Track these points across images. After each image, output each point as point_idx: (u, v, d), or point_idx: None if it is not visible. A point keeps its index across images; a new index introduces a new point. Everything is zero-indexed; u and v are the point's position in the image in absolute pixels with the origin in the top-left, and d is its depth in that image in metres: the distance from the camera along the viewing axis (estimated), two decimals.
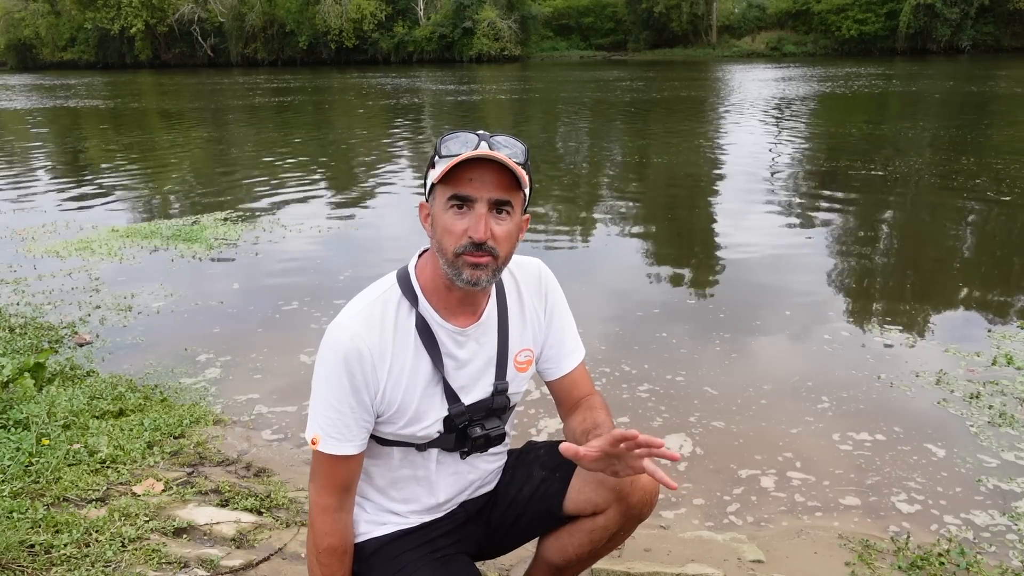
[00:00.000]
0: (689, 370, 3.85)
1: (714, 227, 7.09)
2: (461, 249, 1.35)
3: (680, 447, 3.12)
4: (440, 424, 1.49)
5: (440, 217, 1.38)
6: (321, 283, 5.43)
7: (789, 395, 3.60)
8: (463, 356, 1.49)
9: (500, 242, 1.36)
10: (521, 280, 1.59)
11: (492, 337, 1.53)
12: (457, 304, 1.46)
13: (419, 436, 1.49)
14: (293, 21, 57.34)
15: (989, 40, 43.87)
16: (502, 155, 1.32)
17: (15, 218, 7.86)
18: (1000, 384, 3.59)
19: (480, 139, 1.36)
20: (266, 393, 3.70)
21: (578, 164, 11.02)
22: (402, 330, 1.45)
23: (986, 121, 14.45)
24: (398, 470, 1.55)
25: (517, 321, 1.56)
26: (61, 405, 3.24)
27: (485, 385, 1.52)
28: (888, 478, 2.90)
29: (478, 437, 1.51)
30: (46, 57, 67.66)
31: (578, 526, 1.62)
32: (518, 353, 1.56)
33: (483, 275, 1.37)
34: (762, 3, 51.95)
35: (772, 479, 2.92)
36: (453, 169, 1.33)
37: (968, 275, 5.43)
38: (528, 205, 1.47)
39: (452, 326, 1.47)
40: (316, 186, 9.56)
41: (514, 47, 53.08)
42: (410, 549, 1.56)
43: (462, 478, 1.59)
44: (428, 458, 1.53)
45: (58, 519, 2.39)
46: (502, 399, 1.54)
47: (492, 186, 1.34)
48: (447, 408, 1.48)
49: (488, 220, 1.34)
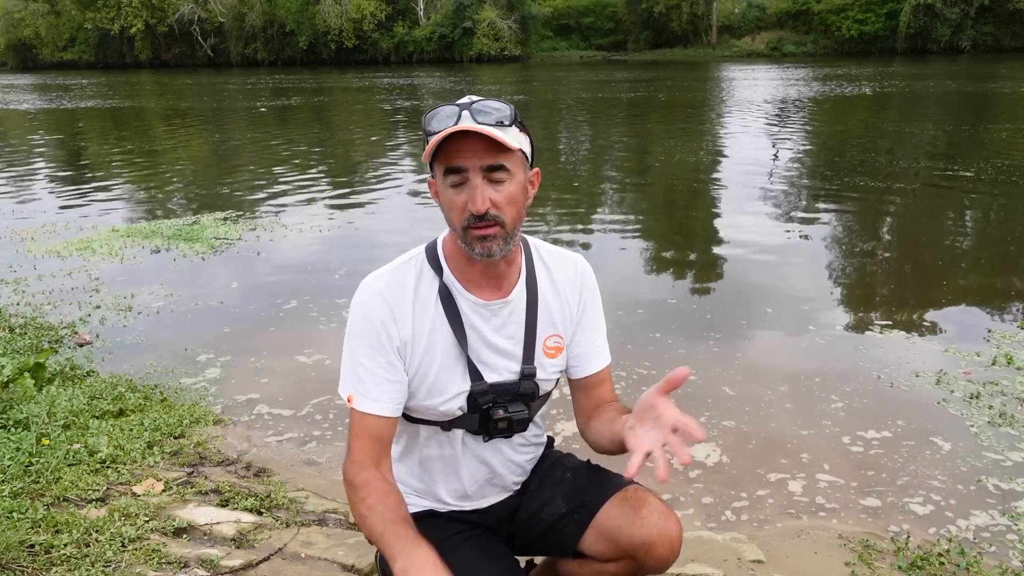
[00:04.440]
0: (693, 369, 3.85)
1: (714, 227, 7.09)
2: (466, 223, 1.35)
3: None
4: (463, 401, 1.47)
5: (443, 193, 1.38)
6: (321, 282, 5.43)
7: (788, 395, 3.60)
8: (486, 331, 1.48)
9: (503, 207, 1.35)
10: (555, 268, 1.56)
11: (520, 318, 1.50)
12: (480, 276, 1.46)
13: (440, 411, 1.47)
14: (293, 21, 57.33)
15: (989, 40, 43.85)
16: (481, 128, 1.30)
17: (15, 218, 7.86)
18: (1000, 384, 3.59)
19: (461, 110, 1.35)
20: (266, 393, 3.70)
21: (578, 164, 11.01)
22: (424, 295, 1.46)
23: (986, 121, 14.44)
24: (424, 448, 1.55)
25: (548, 306, 1.54)
26: (61, 405, 3.23)
27: (511, 366, 1.50)
28: (888, 478, 2.90)
29: (500, 419, 1.49)
30: (46, 57, 67.66)
31: (589, 563, 1.60)
32: (547, 338, 1.53)
33: (494, 245, 1.37)
34: (762, 3, 51.95)
35: (771, 479, 2.92)
36: (442, 143, 1.33)
37: (968, 275, 5.43)
38: (534, 160, 1.45)
39: (475, 297, 1.46)
40: (316, 185, 9.56)
41: (514, 47, 53.07)
42: (443, 526, 1.55)
43: (486, 464, 1.57)
44: (453, 438, 1.53)
45: (58, 519, 2.39)
46: (529, 384, 1.51)
47: (481, 152, 1.33)
48: (469, 384, 1.47)
49: (484, 189, 1.33)
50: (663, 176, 9.78)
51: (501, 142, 1.32)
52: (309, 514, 2.61)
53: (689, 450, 1.26)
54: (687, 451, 1.22)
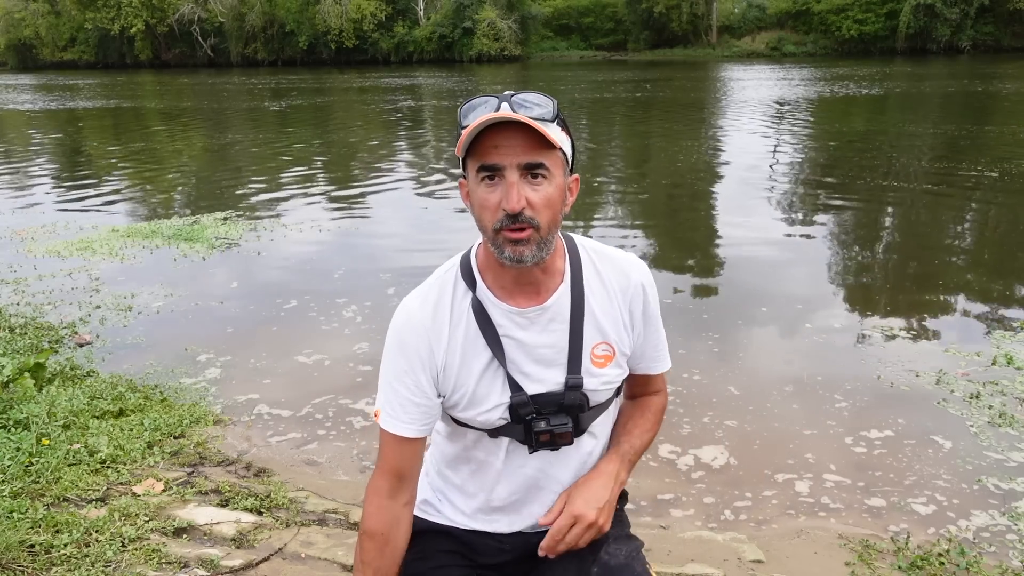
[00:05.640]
0: (690, 371, 3.85)
1: (714, 227, 7.09)
2: (499, 224, 1.26)
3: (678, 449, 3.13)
4: (504, 412, 1.41)
5: (475, 192, 1.29)
6: (322, 282, 5.43)
7: (786, 395, 3.60)
8: (526, 340, 1.40)
9: (539, 210, 1.26)
10: (606, 271, 1.47)
11: (563, 325, 1.41)
12: (512, 283, 1.38)
13: (480, 420, 1.43)
14: (293, 21, 57.29)
15: (989, 40, 43.80)
16: (522, 115, 1.22)
17: (15, 218, 7.86)
18: (1000, 384, 3.59)
19: (500, 100, 1.26)
20: (266, 393, 3.70)
21: (577, 164, 10.99)
22: (459, 310, 1.41)
23: (986, 121, 14.44)
24: (471, 450, 1.50)
25: (596, 312, 1.45)
26: (61, 405, 3.24)
27: (555, 376, 1.42)
28: (888, 478, 2.90)
29: (542, 432, 1.41)
30: (46, 57, 67.57)
31: None
32: (595, 346, 1.44)
33: (526, 250, 1.28)
34: (762, 3, 51.88)
35: (771, 479, 2.92)
36: (478, 138, 1.24)
37: (968, 275, 5.43)
38: (574, 165, 1.38)
39: (508, 306, 1.39)
40: (316, 185, 9.56)
41: (514, 47, 53.02)
42: (447, 551, 1.51)
43: (528, 477, 1.49)
44: (499, 445, 1.47)
45: (58, 519, 2.39)
46: (575, 395, 1.42)
47: (520, 149, 1.24)
48: (508, 396, 1.40)
49: (521, 188, 1.24)
50: (663, 176, 9.78)
51: (544, 135, 1.24)
52: (309, 514, 2.61)
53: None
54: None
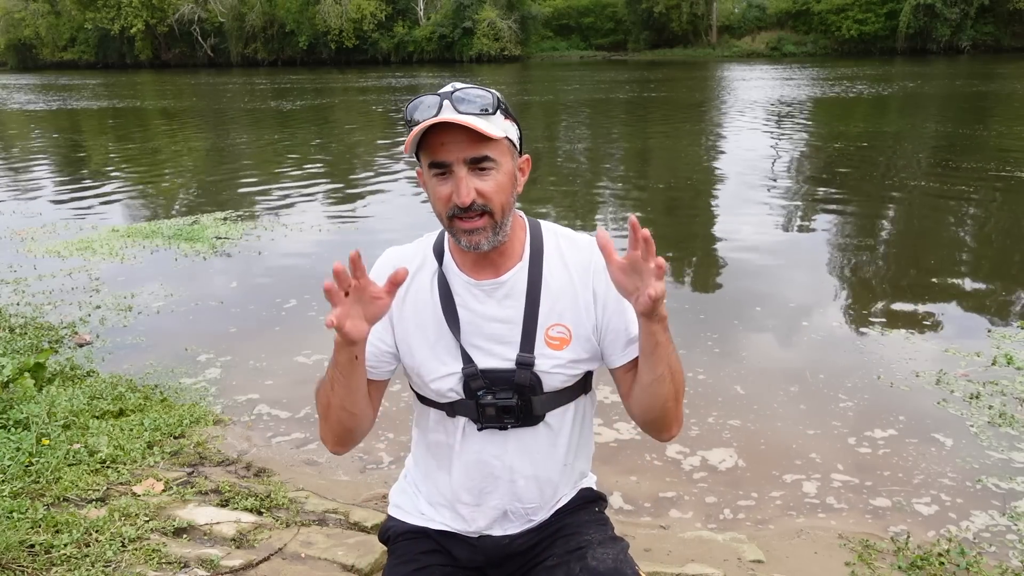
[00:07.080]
0: (694, 371, 3.85)
1: (713, 227, 7.09)
2: (451, 213, 1.35)
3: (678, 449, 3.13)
4: (455, 383, 1.44)
5: (428, 184, 1.38)
6: (321, 282, 5.40)
7: (785, 395, 3.60)
8: (481, 311, 1.45)
9: (490, 197, 1.33)
10: (569, 252, 1.49)
11: (518, 302, 1.44)
12: (473, 263, 1.45)
13: (433, 388, 1.46)
14: (293, 21, 57.28)
15: (989, 40, 43.79)
16: (460, 118, 1.29)
17: (15, 218, 7.86)
18: (1000, 384, 3.59)
19: (442, 99, 1.32)
20: (266, 393, 3.70)
21: (578, 164, 11.01)
22: (425, 271, 1.49)
23: (986, 121, 14.44)
24: (432, 432, 1.54)
25: (554, 293, 1.46)
26: (61, 405, 3.24)
27: (507, 353, 1.44)
28: (888, 478, 2.90)
29: (488, 405, 1.43)
30: (46, 57, 67.57)
31: None
32: (550, 327, 1.44)
33: (482, 239, 1.35)
34: (762, 3, 51.87)
35: (771, 479, 2.92)
36: (425, 135, 1.32)
37: (968, 275, 5.43)
38: (522, 147, 1.43)
39: (467, 277, 1.45)
40: (316, 185, 9.56)
41: (514, 47, 53.01)
42: (426, 551, 1.53)
43: (484, 463, 1.49)
44: (456, 425, 1.49)
45: (58, 519, 2.39)
46: (526, 374, 1.43)
47: (465, 145, 1.31)
48: (461, 367, 1.44)
49: (470, 180, 1.32)
50: (663, 176, 9.77)
51: (483, 133, 1.30)
52: (309, 514, 2.61)
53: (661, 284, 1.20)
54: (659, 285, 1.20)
